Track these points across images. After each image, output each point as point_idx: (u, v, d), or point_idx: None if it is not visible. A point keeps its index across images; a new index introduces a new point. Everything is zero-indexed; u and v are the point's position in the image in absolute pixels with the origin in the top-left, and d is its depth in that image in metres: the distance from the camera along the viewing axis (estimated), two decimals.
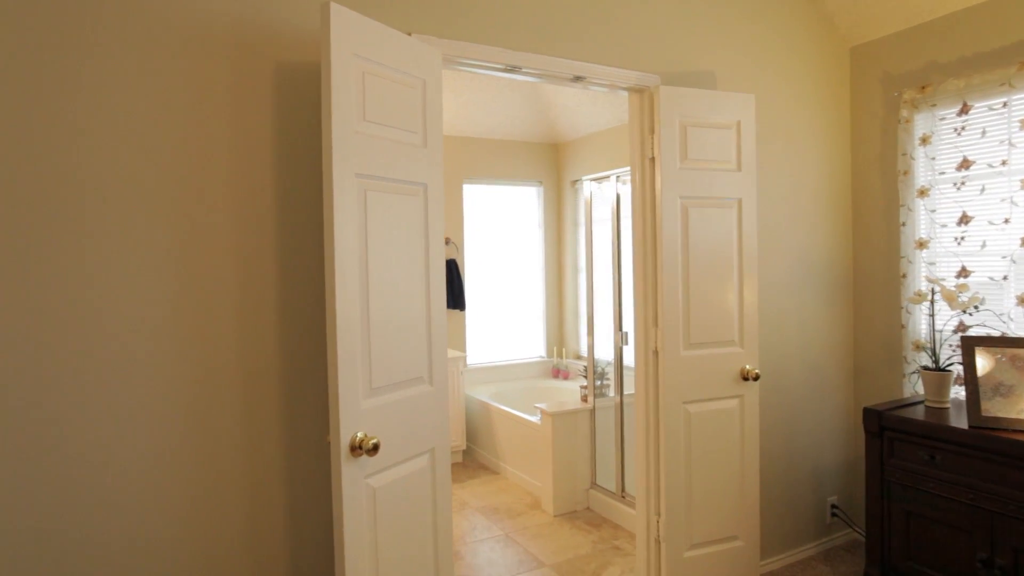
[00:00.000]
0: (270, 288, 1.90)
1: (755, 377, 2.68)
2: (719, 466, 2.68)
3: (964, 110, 2.73)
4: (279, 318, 1.91)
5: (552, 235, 5.63)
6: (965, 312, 2.67)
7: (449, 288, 5.02)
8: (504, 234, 5.50)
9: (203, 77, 1.80)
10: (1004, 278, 2.61)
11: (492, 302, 5.45)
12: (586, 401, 3.93)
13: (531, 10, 2.35)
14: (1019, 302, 2.54)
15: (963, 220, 2.75)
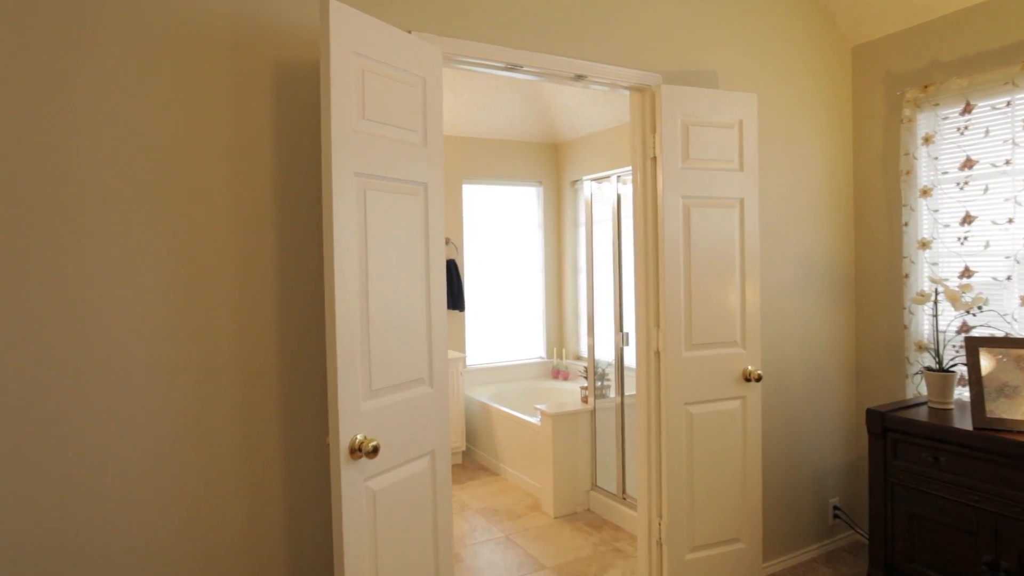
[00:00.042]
0: (269, 288, 1.88)
1: (757, 378, 2.67)
2: (721, 468, 2.66)
3: (967, 109, 2.71)
4: (278, 318, 1.89)
5: (552, 235, 5.61)
6: (969, 313, 2.65)
7: (449, 288, 5.00)
8: (504, 234, 5.48)
9: (201, 76, 1.78)
10: (1008, 278, 2.60)
11: (492, 303, 5.43)
12: (586, 402, 3.91)
13: (532, 8, 2.33)
14: (1023, 302, 2.53)
15: (966, 220, 2.74)
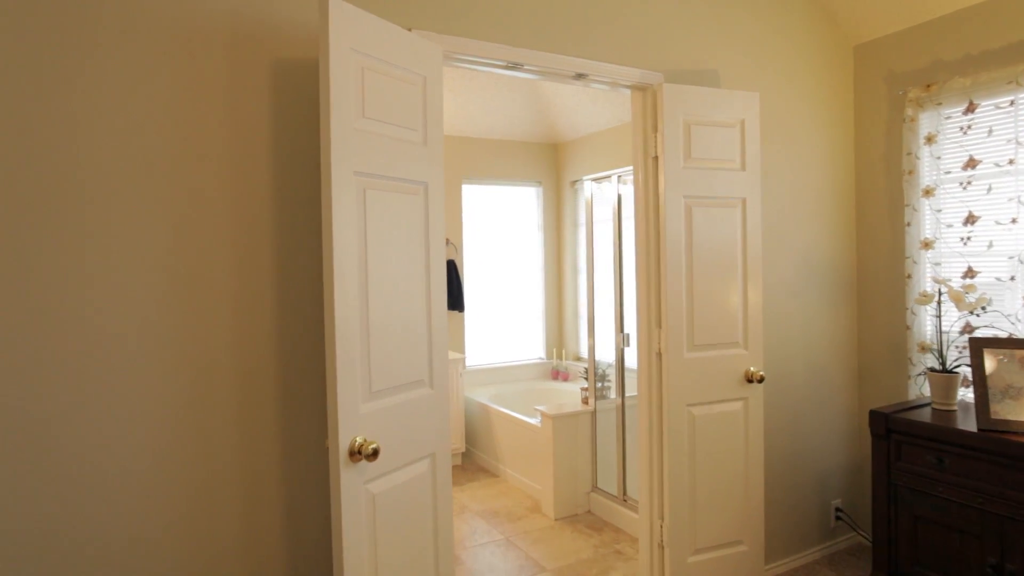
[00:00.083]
0: (267, 288, 1.86)
1: (760, 379, 2.65)
2: (723, 470, 2.64)
3: (970, 109, 2.70)
4: (277, 318, 1.87)
5: (551, 236, 5.59)
6: (972, 313, 2.63)
7: (448, 289, 4.96)
8: (503, 235, 5.46)
9: (200, 74, 1.76)
10: (1011, 279, 2.58)
11: (491, 303, 5.41)
12: (587, 403, 3.89)
13: (533, 6, 2.31)
14: None
15: (969, 220, 2.72)
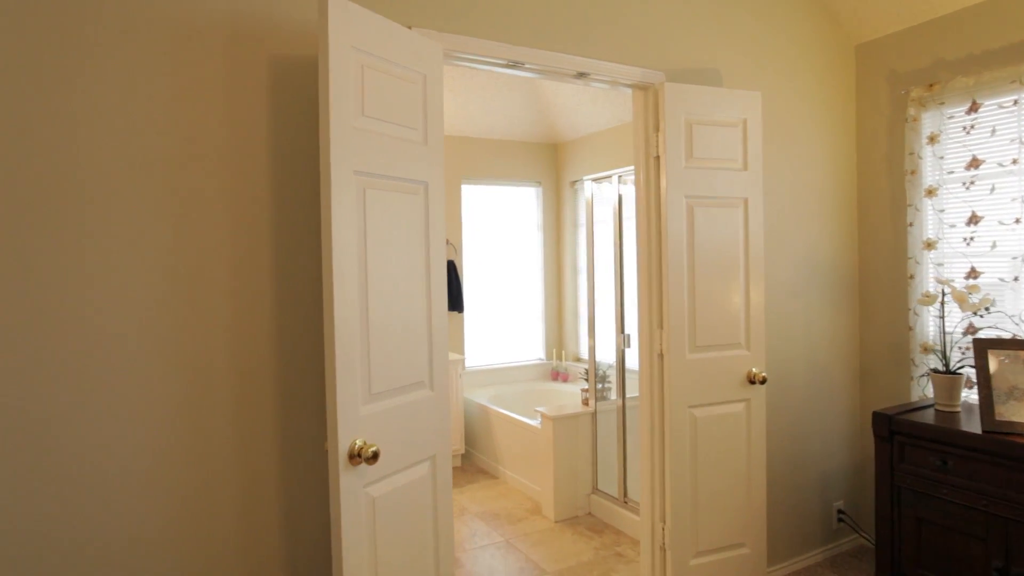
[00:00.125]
0: (266, 288, 1.83)
1: (762, 380, 2.63)
2: (725, 472, 2.62)
3: (973, 108, 2.68)
4: (275, 318, 1.85)
5: (551, 236, 5.57)
6: (976, 314, 2.62)
7: (447, 290, 4.94)
8: (502, 235, 5.44)
9: (198, 73, 1.73)
10: (1015, 279, 2.56)
11: (490, 304, 5.39)
12: (587, 404, 3.87)
13: (534, 5, 2.29)
14: None
15: (972, 220, 2.70)
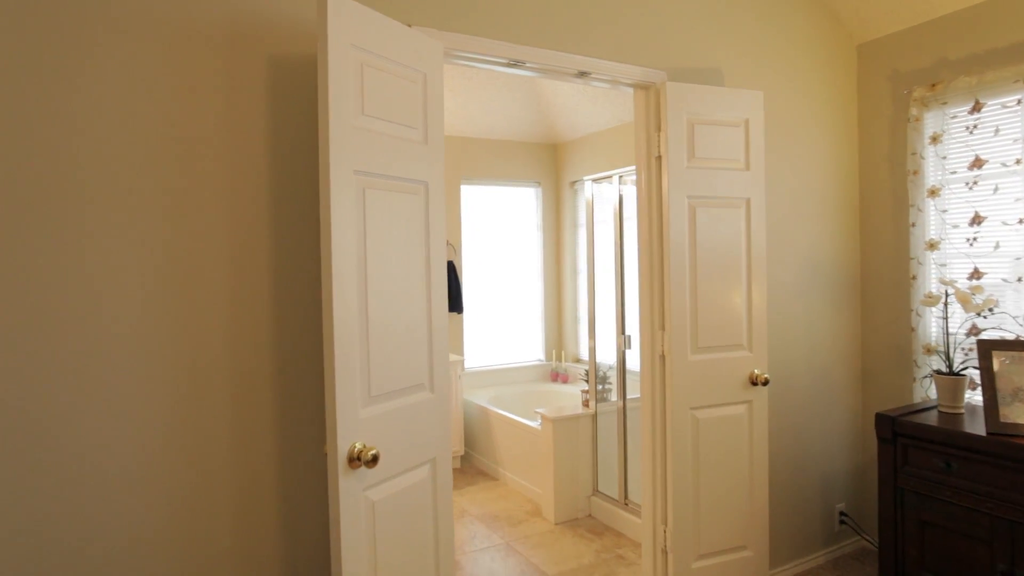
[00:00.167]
0: (264, 288, 1.81)
1: (764, 382, 2.61)
2: (727, 474, 2.60)
3: (976, 108, 2.66)
4: (274, 319, 1.83)
5: (551, 237, 5.55)
6: (979, 315, 2.60)
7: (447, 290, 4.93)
8: (502, 236, 5.42)
9: (197, 72, 1.71)
10: (1019, 280, 2.55)
11: (490, 305, 5.36)
12: (587, 406, 3.84)
13: (535, 3, 2.27)
14: None
15: (975, 220, 2.69)
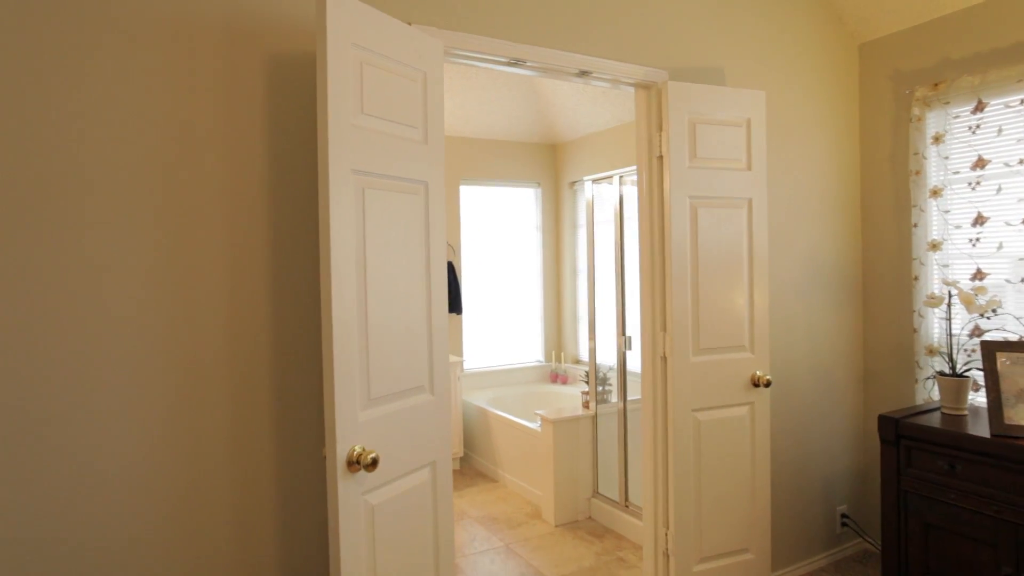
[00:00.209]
0: (263, 288, 1.79)
1: (766, 383, 2.59)
2: (729, 476, 2.58)
3: (979, 107, 2.65)
4: (272, 319, 1.80)
5: (550, 237, 5.53)
6: (982, 316, 2.59)
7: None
8: (501, 236, 5.40)
9: (195, 70, 1.69)
10: (1022, 280, 2.53)
11: (489, 305, 5.34)
12: (588, 407, 3.83)
13: (536, 2, 2.25)
14: None
15: (978, 221, 2.67)
